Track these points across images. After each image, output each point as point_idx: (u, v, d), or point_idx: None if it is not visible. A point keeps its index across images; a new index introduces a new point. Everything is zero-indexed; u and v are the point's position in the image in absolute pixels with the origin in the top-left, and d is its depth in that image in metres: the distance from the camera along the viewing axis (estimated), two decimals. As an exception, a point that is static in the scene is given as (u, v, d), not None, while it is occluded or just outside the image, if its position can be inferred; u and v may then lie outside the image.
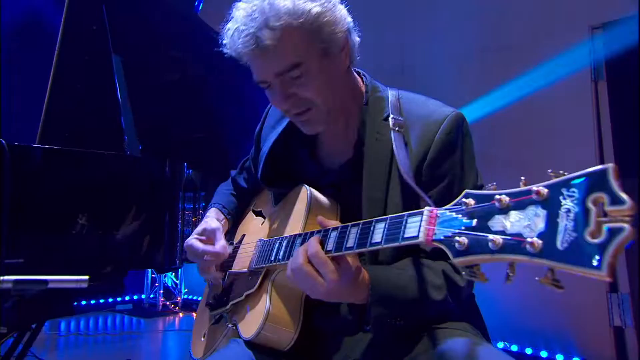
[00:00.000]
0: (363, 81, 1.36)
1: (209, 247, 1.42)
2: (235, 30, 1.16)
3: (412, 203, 1.09)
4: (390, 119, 1.25)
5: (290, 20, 1.11)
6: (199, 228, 1.50)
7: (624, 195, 0.60)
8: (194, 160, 2.44)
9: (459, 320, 1.20)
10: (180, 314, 5.57)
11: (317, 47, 1.17)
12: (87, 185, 1.71)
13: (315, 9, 1.14)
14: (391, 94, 1.33)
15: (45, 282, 1.20)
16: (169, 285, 5.84)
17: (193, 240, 1.44)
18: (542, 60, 3.58)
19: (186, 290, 5.93)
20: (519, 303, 3.40)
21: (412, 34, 4.34)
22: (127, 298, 5.57)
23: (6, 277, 1.16)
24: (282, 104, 1.21)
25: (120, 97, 2.25)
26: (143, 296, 5.75)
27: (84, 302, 4.64)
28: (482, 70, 3.92)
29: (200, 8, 2.64)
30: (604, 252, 0.59)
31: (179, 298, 5.81)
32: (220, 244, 1.44)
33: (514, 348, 3.50)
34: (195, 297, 5.85)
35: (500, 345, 3.56)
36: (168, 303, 5.70)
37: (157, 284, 5.68)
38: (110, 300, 5.28)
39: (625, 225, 0.59)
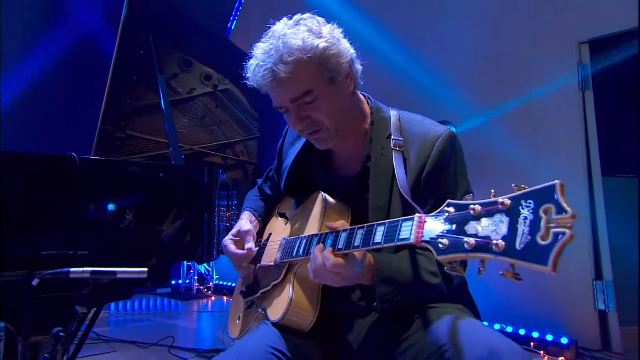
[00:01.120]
0: (368, 103, 1.38)
1: (238, 251, 1.49)
2: (256, 66, 1.23)
3: (409, 210, 1.13)
4: (391, 139, 1.28)
5: (300, 55, 1.17)
6: (234, 230, 1.55)
7: (567, 206, 0.67)
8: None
9: (452, 301, 1.24)
10: (212, 297, 5.58)
11: (324, 75, 1.22)
12: (139, 190, 1.76)
13: (322, 44, 1.20)
14: (393, 114, 1.35)
15: (114, 273, 1.26)
16: (202, 271, 5.80)
17: (228, 242, 1.51)
18: (535, 70, 3.58)
19: (217, 276, 5.91)
20: (514, 289, 3.37)
21: (415, 44, 4.32)
22: (165, 283, 5.66)
23: (85, 269, 1.23)
24: (297, 125, 1.27)
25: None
26: (180, 281, 5.75)
27: (130, 286, 4.72)
28: (479, 80, 3.90)
29: (231, 32, 2.70)
30: (550, 252, 0.65)
31: (211, 283, 5.81)
32: (247, 246, 1.49)
33: (509, 329, 3.49)
34: (225, 283, 5.85)
35: (497, 326, 3.55)
36: (201, 287, 5.71)
37: (191, 271, 5.68)
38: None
39: (567, 230, 0.66)
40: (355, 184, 1.35)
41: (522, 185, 0.74)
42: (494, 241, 0.72)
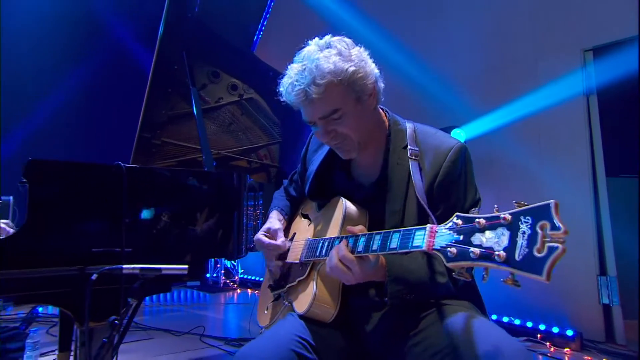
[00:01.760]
0: (386, 115, 1.41)
1: (272, 241, 1.52)
2: (290, 85, 1.27)
3: (423, 215, 1.17)
4: (408, 149, 1.31)
5: (332, 78, 1.21)
6: (265, 227, 1.58)
7: (560, 223, 0.72)
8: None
9: (462, 299, 1.26)
10: (238, 290, 5.65)
11: (352, 96, 1.25)
12: (176, 194, 1.82)
13: (351, 68, 1.23)
14: (408, 126, 1.37)
15: (160, 269, 1.32)
16: (228, 266, 5.85)
17: (261, 236, 1.54)
18: (541, 77, 3.56)
19: (242, 270, 5.98)
20: (523, 284, 3.46)
21: (424, 52, 4.31)
22: (195, 277, 5.73)
23: (135, 266, 1.29)
24: (324, 138, 1.31)
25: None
26: (208, 275, 5.77)
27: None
28: (486, 86, 3.88)
29: (256, 47, 2.76)
30: (544, 264, 0.71)
31: (236, 277, 5.87)
32: (281, 239, 1.53)
33: (517, 322, 3.49)
34: (249, 277, 5.90)
35: (506, 319, 3.55)
36: (228, 281, 5.77)
37: (218, 265, 5.70)
38: (183, 278, 5.44)
39: (560, 245, 0.71)
40: (373, 190, 1.37)
41: (522, 202, 0.79)
42: (497, 252, 0.77)
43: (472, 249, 0.81)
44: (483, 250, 0.80)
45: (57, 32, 5.19)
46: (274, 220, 1.60)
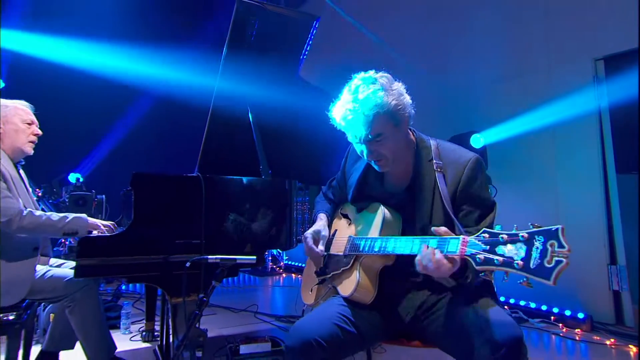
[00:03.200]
0: (413, 134, 1.48)
1: (314, 248, 1.59)
2: (342, 113, 1.37)
3: (448, 216, 1.27)
4: (433, 163, 1.39)
5: (377, 110, 1.31)
6: (315, 228, 1.64)
7: (565, 244, 0.83)
8: (301, 176, 2.74)
9: (479, 288, 1.33)
10: (283, 275, 5.83)
11: (392, 123, 1.35)
12: (242, 197, 1.98)
13: (393, 102, 1.33)
14: (432, 143, 1.45)
15: (235, 259, 1.46)
16: (275, 253, 5.98)
17: (308, 237, 1.60)
18: (554, 84, 3.57)
19: (287, 257, 6.12)
20: None
21: (451, 64, 4.37)
22: (246, 262, 5.88)
23: (217, 256, 1.45)
24: (368, 157, 1.41)
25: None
26: None
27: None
28: (504, 93, 3.90)
29: (300, 69, 2.84)
30: (552, 272, 0.83)
31: (282, 263, 6.03)
32: (320, 248, 1.59)
33: (533, 305, 3.52)
34: (293, 263, 6.06)
35: (523, 303, 3.59)
36: (274, 266, 5.93)
37: (266, 252, 5.76)
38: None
39: (564, 259, 0.82)
40: (405, 196, 1.46)
41: (537, 225, 0.90)
42: (516, 261, 0.90)
43: (496, 257, 0.94)
44: (505, 259, 0.92)
45: (136, 55, 5.48)
46: (323, 226, 1.66)
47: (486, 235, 1.00)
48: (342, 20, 5.44)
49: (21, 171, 2.22)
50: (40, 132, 2.21)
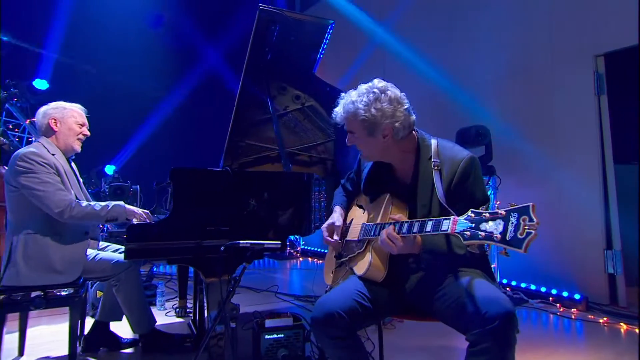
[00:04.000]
0: (416, 134, 1.56)
1: (330, 239, 1.73)
2: (340, 106, 1.56)
3: (443, 209, 1.35)
4: (432, 160, 1.47)
5: (350, 115, 1.50)
6: (330, 222, 1.76)
7: (535, 218, 0.97)
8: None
9: (475, 268, 1.44)
10: (300, 258, 5.99)
11: (365, 130, 1.49)
12: (266, 189, 2.10)
13: (365, 115, 1.46)
14: (433, 142, 1.53)
15: (263, 244, 1.59)
16: (292, 238, 6.06)
17: (325, 230, 1.74)
18: (557, 80, 3.62)
19: (303, 242, 6.26)
20: (539, 256, 3.54)
21: (457, 61, 4.42)
22: (265, 246, 6.02)
23: (247, 241, 1.59)
24: (348, 143, 1.59)
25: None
26: None
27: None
28: (508, 88, 3.95)
29: (316, 69, 2.97)
30: (523, 242, 0.97)
31: (299, 247, 6.16)
32: (335, 238, 1.71)
33: (533, 287, 3.61)
34: (309, 247, 6.18)
35: (524, 285, 3.67)
36: (292, 251, 6.07)
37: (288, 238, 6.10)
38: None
39: (533, 231, 0.96)
40: (409, 189, 1.55)
41: (513, 204, 1.05)
42: (495, 234, 1.04)
43: (479, 232, 1.08)
44: (487, 233, 1.07)
45: (159, 58, 5.72)
46: (338, 217, 1.77)
47: (472, 215, 1.14)
48: (349, 19, 5.48)
49: (73, 165, 2.44)
50: (89, 133, 2.43)
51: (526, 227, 0.99)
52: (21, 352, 2.43)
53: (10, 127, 4.43)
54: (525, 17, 3.91)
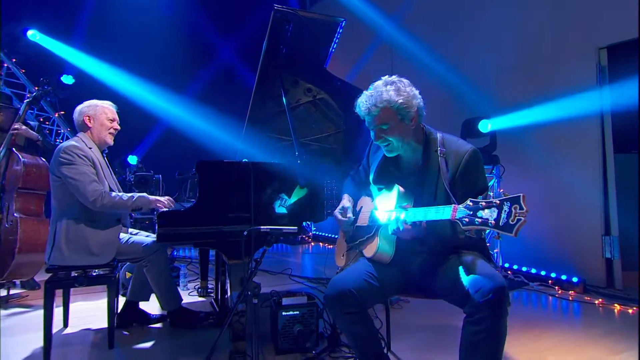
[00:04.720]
0: (424, 129, 1.64)
1: (344, 218, 1.80)
2: (362, 103, 1.59)
3: (448, 196, 1.45)
4: (438, 151, 1.56)
5: (386, 105, 1.54)
6: (340, 206, 1.85)
7: (525, 207, 1.07)
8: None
9: (474, 250, 1.55)
10: (312, 243, 6.11)
11: (397, 117, 1.55)
12: (284, 179, 2.20)
13: (400, 100, 1.53)
14: (438, 135, 1.61)
15: (282, 229, 1.67)
16: (304, 224, 6.20)
17: (337, 213, 1.84)
18: (560, 71, 3.63)
19: (315, 228, 6.35)
20: (539, 241, 3.58)
21: (462, 54, 4.43)
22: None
23: (267, 226, 1.69)
24: (375, 139, 1.62)
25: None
26: None
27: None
28: (514, 80, 3.97)
29: (327, 64, 3.03)
30: (514, 227, 1.07)
31: (310, 233, 6.25)
32: (348, 215, 1.80)
33: (533, 270, 3.68)
34: (320, 233, 6.28)
35: (525, 268, 3.73)
36: (304, 236, 6.14)
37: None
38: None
39: (523, 218, 1.06)
40: (415, 179, 1.62)
41: (507, 193, 1.16)
42: (490, 221, 1.15)
43: (477, 219, 1.19)
44: (483, 219, 1.18)
45: (178, 54, 5.84)
46: (346, 202, 1.88)
47: (470, 203, 1.24)
48: (357, 13, 5.48)
49: (105, 157, 2.59)
50: (119, 127, 2.57)
51: (517, 215, 1.10)
52: (65, 323, 2.66)
53: (42, 119, 4.62)
54: (529, 10, 3.92)
